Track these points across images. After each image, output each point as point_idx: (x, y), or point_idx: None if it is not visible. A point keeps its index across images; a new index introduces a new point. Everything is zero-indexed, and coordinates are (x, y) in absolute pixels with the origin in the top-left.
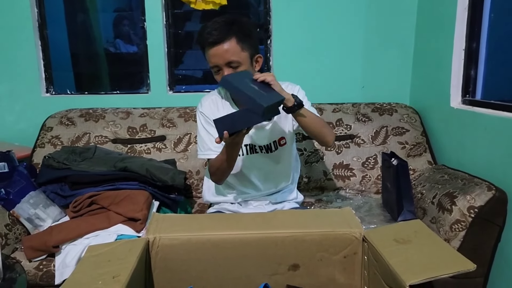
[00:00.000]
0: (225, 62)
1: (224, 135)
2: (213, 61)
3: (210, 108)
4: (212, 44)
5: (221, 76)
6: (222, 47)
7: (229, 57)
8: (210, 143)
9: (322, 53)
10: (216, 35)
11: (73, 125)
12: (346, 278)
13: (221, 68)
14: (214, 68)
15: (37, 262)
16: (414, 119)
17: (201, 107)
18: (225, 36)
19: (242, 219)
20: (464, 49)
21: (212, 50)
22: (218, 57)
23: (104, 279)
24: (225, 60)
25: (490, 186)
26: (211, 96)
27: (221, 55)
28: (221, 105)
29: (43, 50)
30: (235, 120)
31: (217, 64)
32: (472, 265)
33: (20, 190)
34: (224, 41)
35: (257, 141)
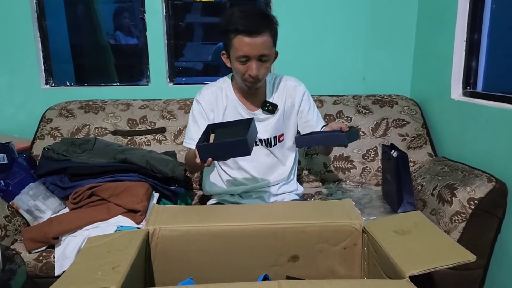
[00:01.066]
0: (258, 54)
1: (207, 162)
2: (246, 51)
3: (208, 98)
4: (249, 33)
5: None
6: (260, 38)
7: (263, 50)
8: (194, 133)
9: (323, 45)
10: (255, 25)
11: (73, 117)
12: (346, 269)
13: (250, 59)
14: (242, 58)
15: (37, 253)
16: (415, 111)
17: (199, 95)
18: (263, 28)
19: (242, 211)
20: (466, 40)
21: (247, 39)
22: (253, 48)
23: (103, 269)
24: (259, 52)
25: (490, 178)
26: (212, 87)
27: (257, 47)
28: (221, 97)
29: (42, 41)
30: (223, 150)
31: (249, 55)
32: (472, 256)
33: (19, 181)
34: (262, 33)
35: (258, 134)
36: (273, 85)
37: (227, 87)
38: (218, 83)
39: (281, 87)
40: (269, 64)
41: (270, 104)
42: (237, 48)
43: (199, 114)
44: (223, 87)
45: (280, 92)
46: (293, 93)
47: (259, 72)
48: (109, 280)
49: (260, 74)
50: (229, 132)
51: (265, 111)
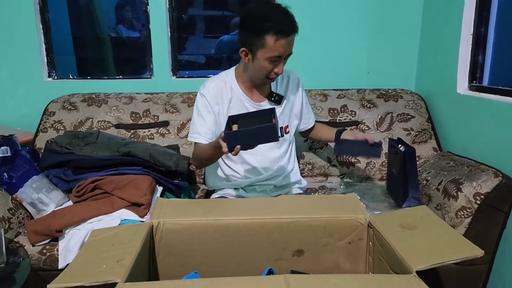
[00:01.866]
0: (288, 54)
1: (236, 149)
2: (281, 51)
3: (213, 91)
4: (287, 33)
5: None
6: (292, 39)
7: (291, 50)
8: (200, 127)
9: (327, 39)
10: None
11: (76, 110)
12: (351, 264)
13: (281, 58)
14: (274, 58)
15: (41, 246)
16: (420, 105)
17: (203, 88)
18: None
19: (246, 204)
20: (472, 34)
21: (284, 40)
22: (287, 48)
23: (108, 263)
24: (290, 51)
25: (497, 173)
26: (216, 80)
27: (290, 47)
28: (226, 90)
29: (44, 34)
30: (251, 137)
31: (282, 55)
32: (480, 251)
33: (23, 174)
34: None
35: None
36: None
37: (231, 80)
38: (222, 76)
39: (285, 79)
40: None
41: (276, 95)
42: (272, 48)
43: (204, 108)
44: (227, 80)
45: (284, 83)
46: (297, 85)
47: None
48: (114, 273)
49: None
50: (253, 122)
51: (271, 101)
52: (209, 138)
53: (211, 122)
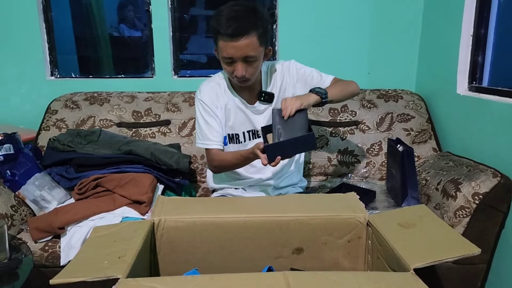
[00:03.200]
0: (242, 57)
1: (276, 160)
2: (229, 53)
3: (209, 96)
4: (231, 36)
5: (232, 68)
6: (242, 41)
7: (248, 52)
8: (209, 133)
9: (328, 39)
10: (237, 28)
11: (78, 108)
12: (350, 262)
13: (235, 60)
14: (227, 59)
15: (43, 243)
16: (420, 106)
17: (200, 94)
18: (246, 30)
19: (247, 203)
20: (472, 35)
21: (230, 43)
22: (236, 50)
23: (110, 259)
24: (242, 54)
25: (495, 173)
26: (210, 83)
27: (240, 49)
28: (221, 92)
29: (47, 33)
30: (291, 147)
31: (233, 57)
32: (477, 249)
33: (25, 172)
34: (245, 35)
35: (258, 126)
36: (268, 73)
37: (224, 82)
38: (215, 78)
39: (274, 73)
40: (257, 64)
41: (265, 93)
42: (222, 49)
43: (206, 113)
44: (220, 82)
45: (275, 78)
46: (284, 73)
47: (246, 72)
48: (115, 269)
49: (247, 74)
50: (288, 130)
51: (261, 101)
52: (219, 143)
53: (217, 126)
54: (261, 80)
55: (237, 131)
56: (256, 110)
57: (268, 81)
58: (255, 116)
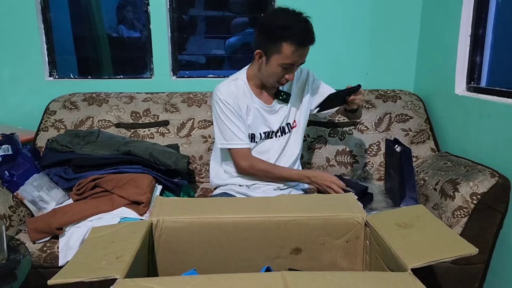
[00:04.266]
0: (300, 63)
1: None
2: (295, 60)
3: (231, 96)
4: (304, 45)
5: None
6: (307, 49)
7: (305, 59)
8: (237, 132)
9: (326, 39)
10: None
11: (77, 109)
12: (348, 263)
13: (292, 65)
14: (287, 64)
15: (41, 243)
16: (418, 106)
17: (221, 94)
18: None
19: (245, 203)
20: (470, 35)
21: (301, 50)
22: (301, 58)
23: (107, 259)
24: (303, 60)
25: (494, 173)
26: (230, 85)
27: (303, 57)
28: (240, 94)
29: (46, 33)
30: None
31: (295, 63)
32: (474, 249)
33: (24, 172)
34: (311, 44)
35: (273, 126)
36: None
37: (243, 83)
38: (233, 79)
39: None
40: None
41: (284, 93)
42: (287, 55)
43: (231, 114)
44: (238, 83)
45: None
46: (300, 78)
47: None
48: (113, 269)
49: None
50: None
51: (279, 100)
52: (248, 142)
53: (243, 126)
54: None
55: (254, 131)
56: (272, 110)
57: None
58: (271, 116)
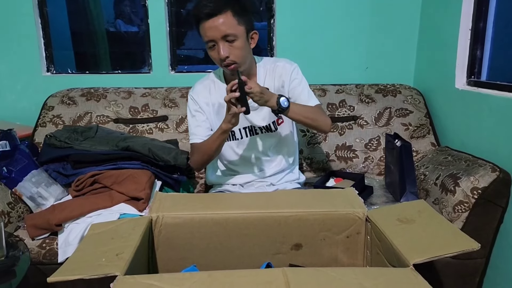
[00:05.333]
0: (221, 35)
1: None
2: (209, 35)
3: (201, 92)
4: (207, 16)
5: (216, 52)
6: (218, 19)
7: (225, 30)
8: (195, 128)
9: (326, 33)
10: (212, 7)
11: (75, 104)
12: (349, 258)
13: (216, 42)
14: (209, 43)
15: (40, 240)
16: (418, 101)
17: (192, 91)
18: (221, 8)
19: (245, 199)
20: (471, 29)
21: (207, 23)
22: (213, 30)
23: (107, 256)
24: (221, 33)
25: (494, 168)
26: (205, 81)
27: (217, 28)
28: (214, 89)
29: (43, 28)
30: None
31: (213, 38)
32: (476, 244)
33: (22, 168)
34: (220, 13)
35: (256, 122)
36: (263, 68)
37: (219, 79)
38: (210, 76)
39: (271, 70)
40: (240, 44)
41: None
42: (203, 34)
43: (194, 109)
44: (215, 80)
45: (271, 74)
46: (283, 73)
47: (230, 54)
48: (113, 267)
49: (232, 56)
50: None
51: None
52: (202, 137)
53: (202, 121)
54: (256, 74)
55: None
56: (251, 107)
57: (264, 76)
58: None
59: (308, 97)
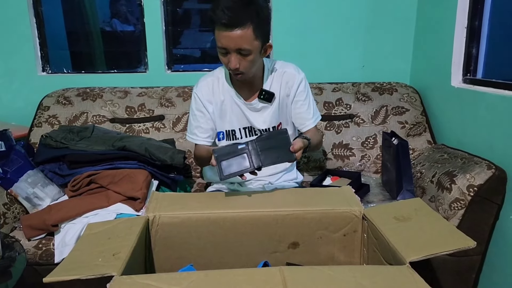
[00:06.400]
0: (235, 48)
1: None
2: (223, 43)
3: (205, 90)
4: (225, 26)
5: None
6: (236, 32)
7: (241, 45)
8: (195, 128)
9: (322, 32)
10: (232, 18)
11: (70, 104)
12: (346, 256)
13: (229, 51)
14: (221, 49)
15: (36, 241)
16: (414, 99)
17: (196, 88)
18: (241, 21)
19: (242, 197)
20: (466, 27)
21: (224, 33)
22: (229, 41)
23: (104, 256)
24: (236, 46)
25: (490, 165)
26: (209, 78)
27: (234, 41)
28: (218, 87)
29: (38, 28)
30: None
31: (226, 47)
32: (473, 242)
33: (18, 169)
34: (240, 26)
35: (256, 124)
36: (271, 72)
37: (223, 77)
38: (216, 72)
39: (279, 74)
40: (252, 58)
41: (266, 92)
42: (217, 39)
43: (197, 108)
44: (220, 77)
45: (278, 79)
46: (290, 81)
47: (240, 65)
48: (110, 267)
49: (241, 67)
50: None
51: (261, 99)
52: (205, 138)
53: (204, 122)
54: (262, 77)
55: (233, 127)
56: (253, 108)
57: (271, 80)
58: (252, 113)
59: (311, 114)
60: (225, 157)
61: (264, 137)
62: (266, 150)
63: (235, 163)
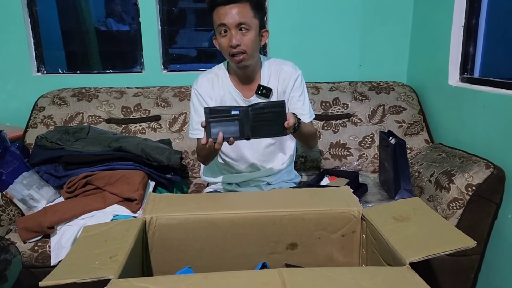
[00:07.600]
0: (236, 23)
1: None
2: (223, 20)
3: (205, 86)
4: (226, 1)
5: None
6: (236, 7)
7: (241, 19)
8: (195, 124)
9: (319, 31)
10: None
11: (66, 104)
12: (344, 257)
13: (229, 29)
14: (221, 28)
15: (32, 243)
16: (411, 98)
17: (196, 84)
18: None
19: (240, 198)
20: (463, 25)
21: (224, 8)
22: (229, 17)
23: (101, 259)
24: (236, 20)
25: (488, 164)
26: (208, 74)
27: (233, 15)
28: (217, 84)
29: (32, 27)
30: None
31: (226, 23)
32: (472, 242)
33: (12, 170)
34: (239, 1)
35: None
36: (268, 68)
37: (223, 73)
38: (214, 70)
39: (276, 71)
40: (252, 36)
41: (264, 87)
42: (216, 18)
43: (198, 103)
44: (219, 73)
45: (275, 76)
46: (287, 78)
47: (242, 42)
48: (107, 270)
49: (243, 44)
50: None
51: (259, 95)
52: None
53: None
54: (260, 74)
55: None
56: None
57: (268, 76)
58: None
59: (307, 110)
60: (216, 119)
61: (260, 106)
62: (259, 122)
63: (225, 128)
